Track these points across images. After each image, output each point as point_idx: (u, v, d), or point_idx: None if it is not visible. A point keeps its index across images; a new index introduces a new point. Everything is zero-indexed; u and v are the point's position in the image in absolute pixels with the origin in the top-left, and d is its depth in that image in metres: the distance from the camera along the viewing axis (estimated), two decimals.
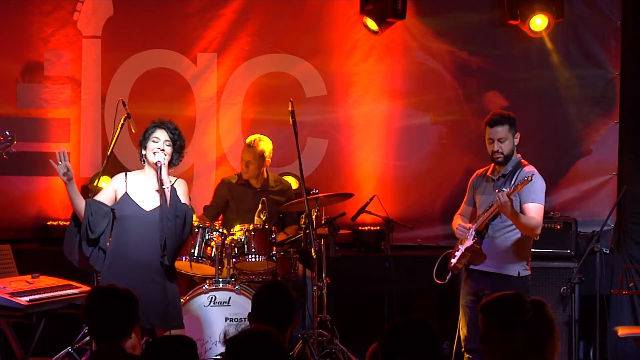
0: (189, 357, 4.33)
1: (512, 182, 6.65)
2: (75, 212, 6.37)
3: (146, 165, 6.43)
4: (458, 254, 6.79)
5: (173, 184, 6.34)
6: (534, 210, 6.61)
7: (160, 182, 6.28)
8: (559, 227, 8.29)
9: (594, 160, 8.81)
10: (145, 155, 6.39)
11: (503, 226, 6.70)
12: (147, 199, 6.37)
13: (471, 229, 6.73)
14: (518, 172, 6.72)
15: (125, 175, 6.47)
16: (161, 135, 6.37)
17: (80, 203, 6.34)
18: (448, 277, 6.87)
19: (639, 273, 8.45)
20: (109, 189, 6.44)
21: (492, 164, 6.85)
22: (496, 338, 4.16)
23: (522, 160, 6.81)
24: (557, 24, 8.53)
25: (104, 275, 6.37)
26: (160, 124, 6.42)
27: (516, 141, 6.77)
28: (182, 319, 6.46)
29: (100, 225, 6.36)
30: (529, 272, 6.75)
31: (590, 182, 8.81)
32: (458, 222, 6.90)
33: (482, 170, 6.99)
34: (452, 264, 6.84)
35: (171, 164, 6.41)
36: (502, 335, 4.14)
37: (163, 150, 6.33)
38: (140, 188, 6.41)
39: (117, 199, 6.40)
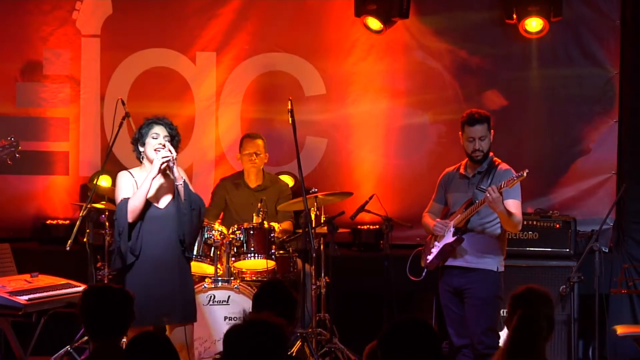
0: (169, 354, 4.36)
1: (489, 179, 6.66)
2: (136, 209, 6.20)
3: (146, 162, 6.33)
4: (435, 250, 6.74)
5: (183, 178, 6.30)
6: (514, 206, 6.61)
7: (163, 175, 6.24)
8: (558, 226, 8.29)
9: (593, 159, 8.81)
10: (144, 152, 6.31)
11: (482, 222, 6.69)
12: (158, 196, 6.31)
13: (449, 226, 6.72)
14: (494, 169, 6.72)
15: (130, 173, 6.36)
16: (160, 130, 6.30)
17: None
18: (424, 274, 6.86)
19: (638, 272, 8.46)
20: (131, 187, 6.28)
21: (465, 161, 6.83)
22: None
23: (495, 158, 6.82)
24: (556, 23, 8.52)
25: (128, 277, 6.22)
26: (157, 120, 6.34)
27: (491, 138, 6.78)
28: (196, 313, 6.46)
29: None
30: (503, 268, 6.76)
31: (590, 181, 8.80)
32: (430, 219, 6.88)
33: (452, 167, 6.97)
34: (427, 261, 6.80)
35: None
36: None
37: (164, 145, 6.26)
38: None
39: None
